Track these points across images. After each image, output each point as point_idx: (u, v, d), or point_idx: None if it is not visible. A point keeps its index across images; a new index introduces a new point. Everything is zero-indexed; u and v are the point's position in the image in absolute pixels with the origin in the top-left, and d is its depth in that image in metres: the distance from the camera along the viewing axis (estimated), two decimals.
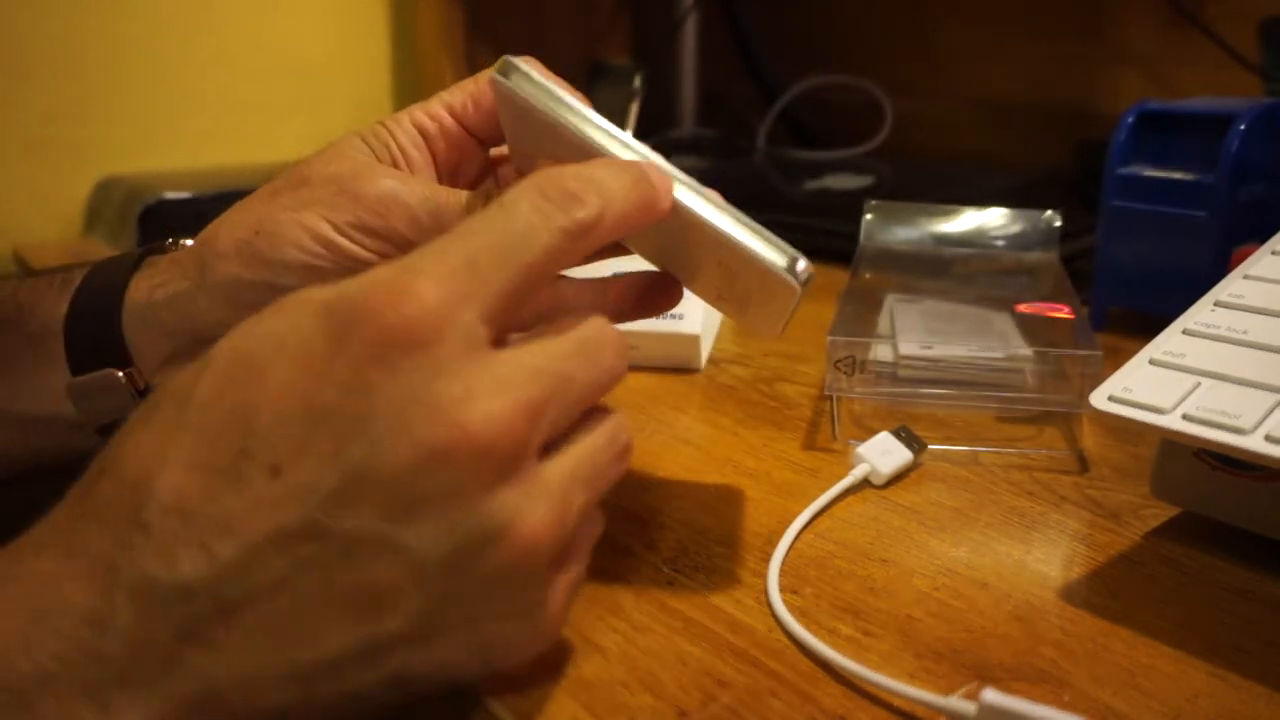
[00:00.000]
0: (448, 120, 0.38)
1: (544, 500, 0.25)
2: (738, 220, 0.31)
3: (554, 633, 0.27)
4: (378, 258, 0.35)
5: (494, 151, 0.41)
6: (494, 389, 0.24)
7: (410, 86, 1.06)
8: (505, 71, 0.32)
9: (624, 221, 0.28)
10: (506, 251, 0.26)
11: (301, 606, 0.24)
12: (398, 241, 0.35)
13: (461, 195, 0.35)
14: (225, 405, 0.24)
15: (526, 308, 0.27)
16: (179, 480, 0.24)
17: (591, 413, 0.28)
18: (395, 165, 0.38)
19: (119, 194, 0.83)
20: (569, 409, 0.26)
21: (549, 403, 0.25)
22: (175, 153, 0.93)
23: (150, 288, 0.38)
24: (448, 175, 0.39)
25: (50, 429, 0.39)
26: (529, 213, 0.26)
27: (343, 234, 0.35)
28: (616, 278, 0.36)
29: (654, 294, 0.36)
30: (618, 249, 0.36)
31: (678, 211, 0.31)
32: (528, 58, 0.34)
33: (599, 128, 0.31)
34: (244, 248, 0.36)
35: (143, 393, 0.38)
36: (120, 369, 0.37)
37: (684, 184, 0.31)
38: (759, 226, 0.31)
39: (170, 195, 0.78)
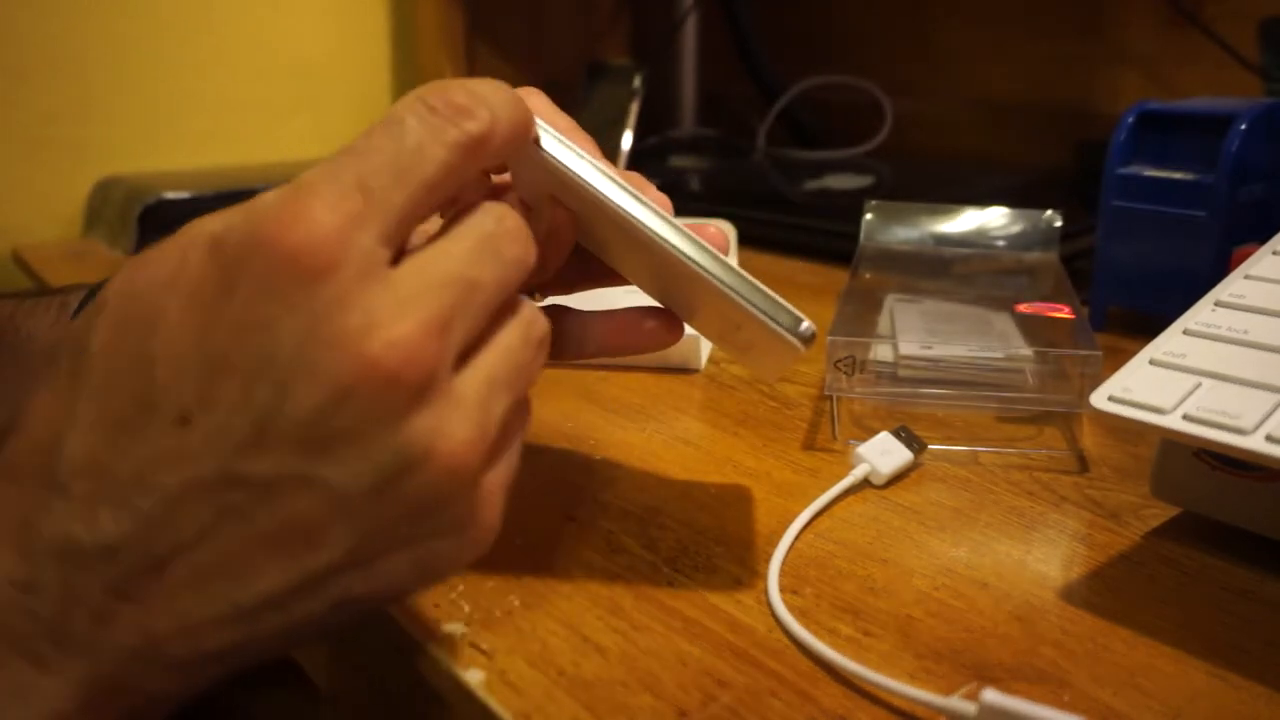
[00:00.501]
0: None
1: (462, 416, 0.24)
2: (741, 278, 0.31)
3: (490, 536, 0.27)
4: None
5: (496, 179, 0.40)
6: (396, 313, 0.23)
7: (410, 87, 1.05)
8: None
9: (512, 138, 0.28)
10: (400, 169, 0.25)
11: (231, 551, 0.23)
12: None
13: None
14: (122, 354, 0.24)
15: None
16: (87, 439, 0.23)
17: (502, 308, 0.27)
18: None
19: (119, 194, 0.83)
20: (478, 313, 0.26)
21: (454, 314, 0.24)
22: (175, 153, 0.93)
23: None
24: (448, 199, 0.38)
25: None
26: (417, 128, 0.25)
27: None
28: (620, 311, 0.36)
29: (657, 330, 0.36)
30: (616, 278, 0.36)
31: (682, 265, 0.30)
32: (535, 92, 0.34)
33: (623, 189, 0.30)
34: None
35: None
36: None
37: (685, 235, 0.31)
38: (760, 284, 0.31)
39: (170, 195, 0.79)
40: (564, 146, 0.30)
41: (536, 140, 0.30)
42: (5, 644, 0.23)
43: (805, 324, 0.31)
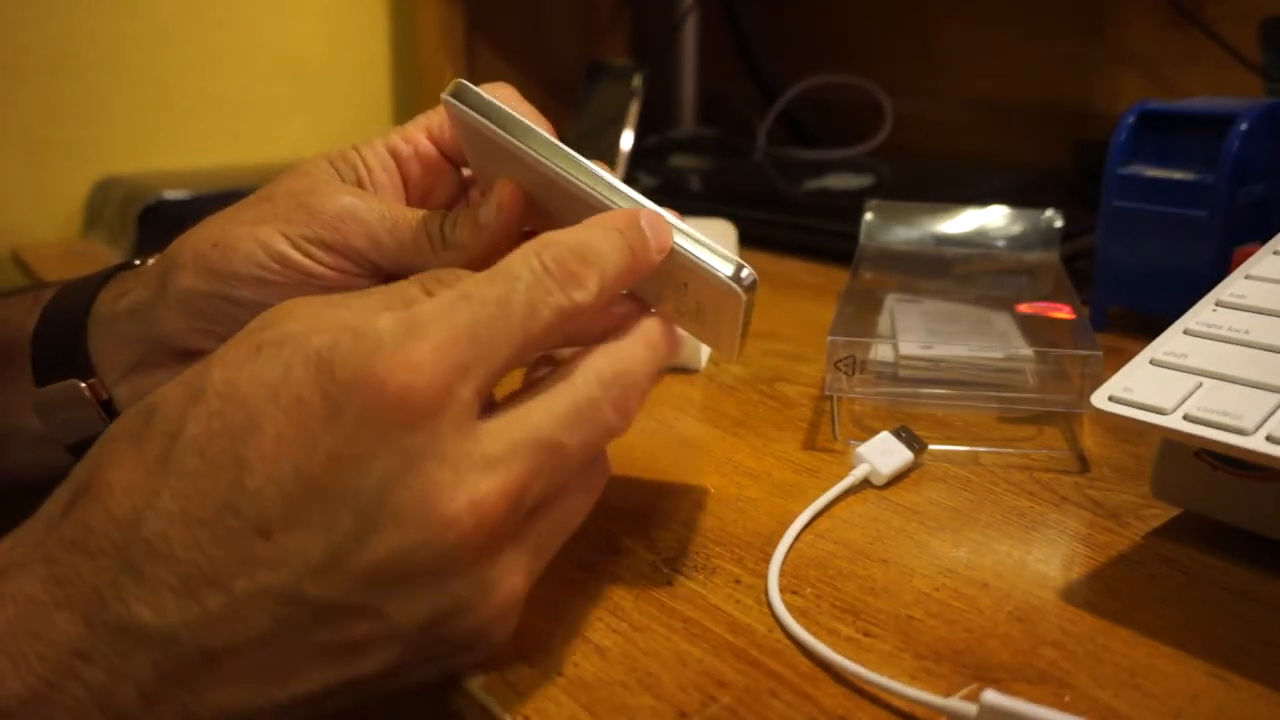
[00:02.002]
0: (424, 143, 0.38)
1: (521, 569, 0.27)
2: (683, 233, 0.31)
3: (504, 644, 0.28)
4: (333, 273, 0.35)
5: (466, 173, 0.41)
6: (482, 473, 0.25)
7: (410, 86, 1.06)
8: (457, 93, 0.31)
9: (617, 288, 0.29)
10: (507, 326, 0.26)
11: (282, 657, 0.25)
12: (354, 257, 0.35)
13: (418, 213, 0.36)
14: (216, 451, 0.24)
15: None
16: (168, 528, 0.24)
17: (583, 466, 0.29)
18: (360, 185, 0.37)
19: (119, 194, 0.83)
20: (558, 477, 0.27)
21: (536, 478, 0.26)
22: (175, 153, 0.93)
23: (114, 299, 0.38)
24: (419, 197, 0.38)
25: (20, 443, 0.40)
26: (532, 287, 0.26)
27: (297, 248, 0.35)
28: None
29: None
30: None
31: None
32: (502, 85, 0.35)
33: (549, 146, 0.31)
34: (200, 260, 0.36)
35: (105, 404, 0.38)
36: (84, 380, 0.37)
37: (621, 188, 0.31)
38: (705, 239, 0.31)
39: (170, 195, 0.79)
40: (507, 118, 0.31)
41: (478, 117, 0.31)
42: (62, 713, 0.24)
43: (746, 270, 0.31)
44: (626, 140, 0.83)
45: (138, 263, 0.42)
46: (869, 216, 0.61)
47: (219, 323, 0.36)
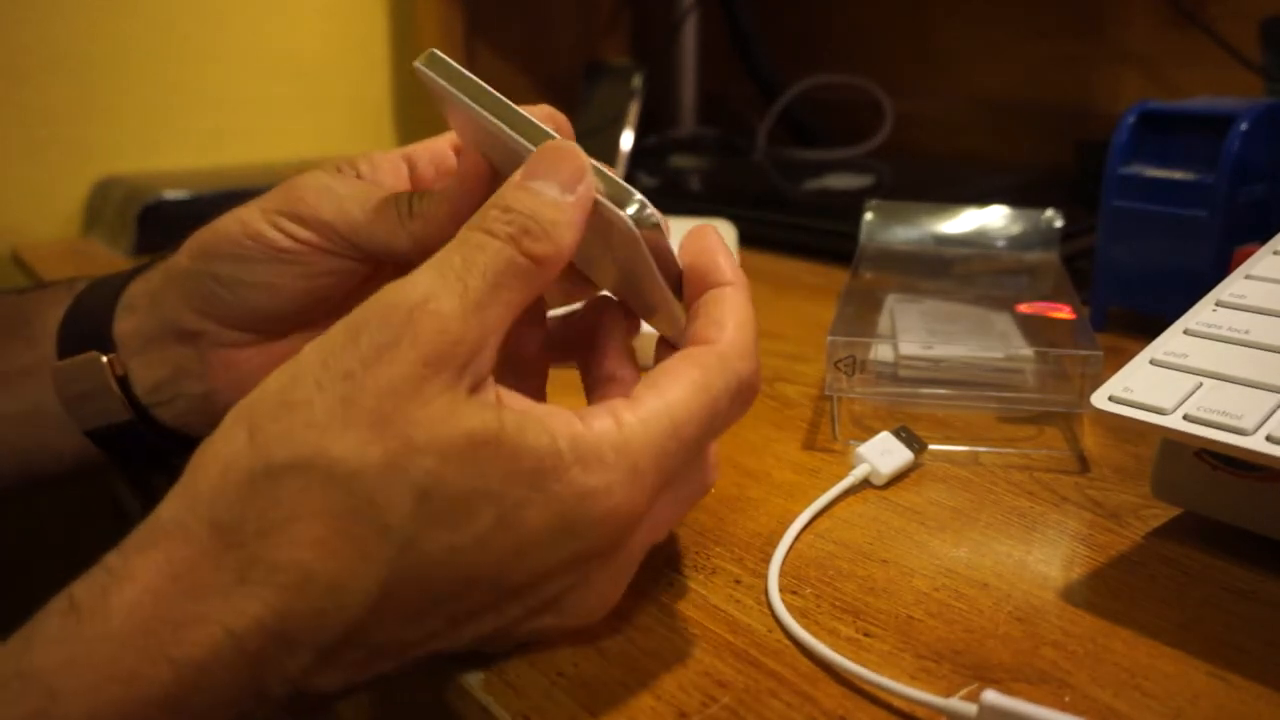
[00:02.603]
0: (443, 151, 0.39)
1: (626, 581, 0.30)
2: (597, 172, 0.29)
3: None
4: (301, 246, 0.36)
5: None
6: (629, 571, 0.29)
7: (410, 87, 1.06)
8: (428, 61, 0.32)
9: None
10: (697, 446, 0.28)
11: (411, 648, 0.27)
12: (324, 231, 0.36)
13: (389, 190, 0.36)
14: (435, 561, 0.25)
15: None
16: (373, 623, 0.25)
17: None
18: (359, 178, 0.38)
19: (119, 194, 0.83)
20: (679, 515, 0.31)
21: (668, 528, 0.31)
22: (175, 152, 0.93)
23: (137, 285, 0.40)
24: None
25: (37, 424, 0.40)
26: (728, 415, 0.29)
27: (270, 222, 0.36)
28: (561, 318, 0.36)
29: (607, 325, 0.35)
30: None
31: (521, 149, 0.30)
32: (544, 107, 0.35)
33: (512, 114, 0.30)
34: (194, 242, 0.38)
35: (121, 380, 0.39)
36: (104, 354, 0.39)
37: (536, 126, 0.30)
38: (610, 172, 0.29)
39: (170, 195, 0.79)
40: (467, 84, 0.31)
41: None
42: None
43: (649, 209, 0.29)
44: (626, 140, 0.83)
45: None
46: (869, 216, 0.61)
47: (208, 301, 0.38)
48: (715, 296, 0.30)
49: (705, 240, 0.31)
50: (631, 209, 0.28)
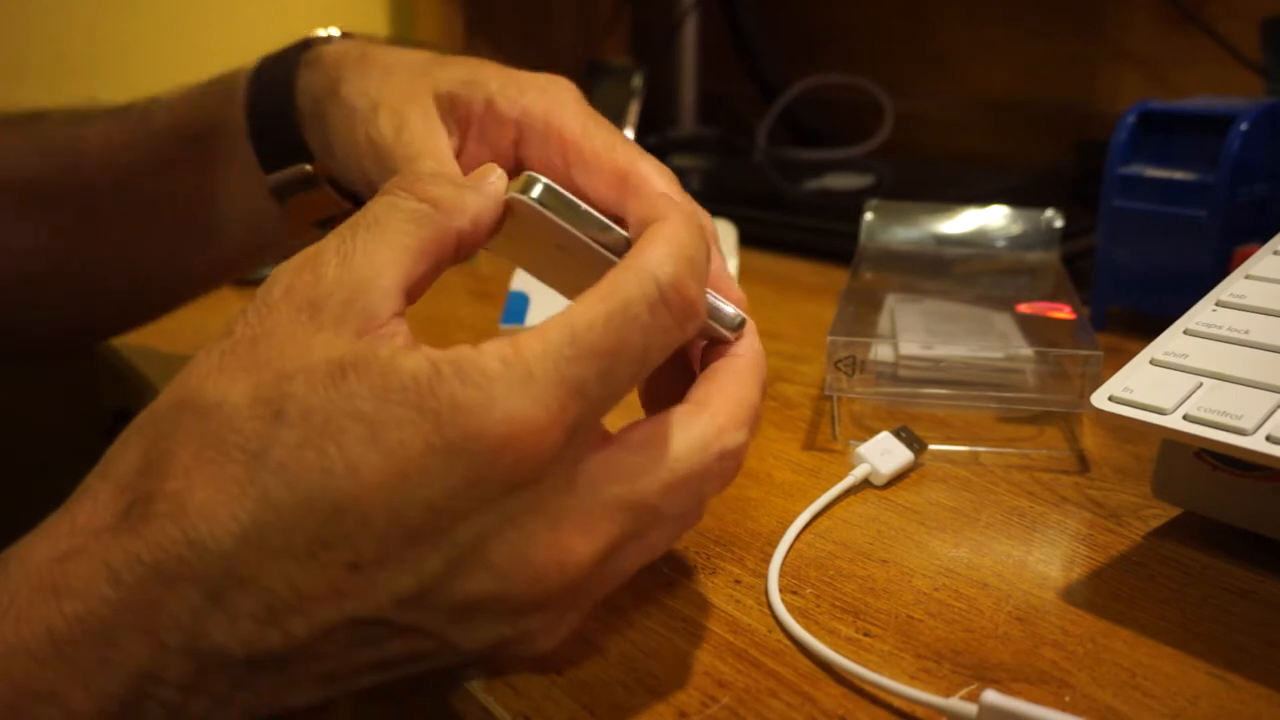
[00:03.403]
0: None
1: (578, 614, 0.27)
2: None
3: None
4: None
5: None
6: (579, 531, 0.25)
7: None
8: (544, 196, 0.29)
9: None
10: (620, 373, 0.25)
11: (350, 667, 0.25)
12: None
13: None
14: (308, 488, 0.23)
15: None
16: (255, 558, 0.23)
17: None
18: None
19: None
20: (647, 534, 0.27)
21: (628, 539, 0.26)
22: None
23: (304, 90, 0.43)
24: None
25: (232, 230, 0.46)
26: (649, 327, 0.25)
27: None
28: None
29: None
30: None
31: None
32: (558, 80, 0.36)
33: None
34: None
35: (333, 181, 0.43)
36: (307, 163, 0.43)
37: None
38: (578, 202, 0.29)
39: None
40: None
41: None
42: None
43: (538, 189, 0.28)
44: None
45: (322, 33, 0.49)
46: (869, 216, 0.61)
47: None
48: (650, 231, 0.27)
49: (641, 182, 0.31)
50: (536, 190, 0.28)
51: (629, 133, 0.84)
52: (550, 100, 0.39)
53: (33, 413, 0.84)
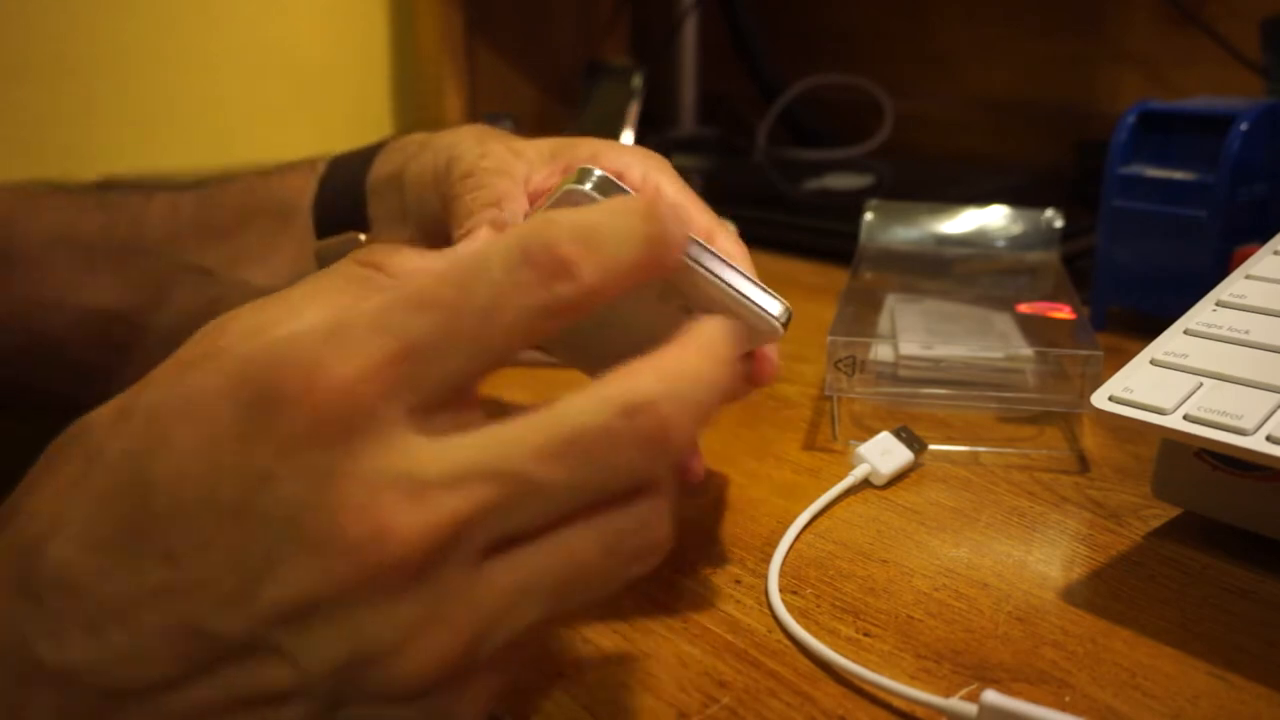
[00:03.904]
0: None
1: (454, 621, 0.21)
2: (711, 253, 0.30)
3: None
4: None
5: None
6: (406, 497, 0.20)
7: (410, 87, 1.06)
8: (583, 180, 0.28)
9: (623, 285, 0.22)
10: (458, 332, 0.21)
11: (189, 704, 0.22)
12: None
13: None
14: (128, 471, 0.22)
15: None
16: (74, 555, 0.21)
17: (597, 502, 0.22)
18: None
19: None
20: (532, 516, 0.21)
21: (491, 515, 0.21)
22: (175, 153, 0.93)
23: (380, 168, 0.43)
24: None
25: None
26: (500, 281, 0.21)
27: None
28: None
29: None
30: None
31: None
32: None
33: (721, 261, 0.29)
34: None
35: None
36: (362, 234, 0.42)
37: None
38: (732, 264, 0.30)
39: None
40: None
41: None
42: None
43: (785, 306, 0.30)
44: (626, 140, 0.83)
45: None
46: (869, 216, 0.61)
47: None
48: None
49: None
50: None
51: (629, 133, 0.84)
52: (653, 163, 0.39)
53: None
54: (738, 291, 0.29)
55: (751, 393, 0.36)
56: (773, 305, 0.30)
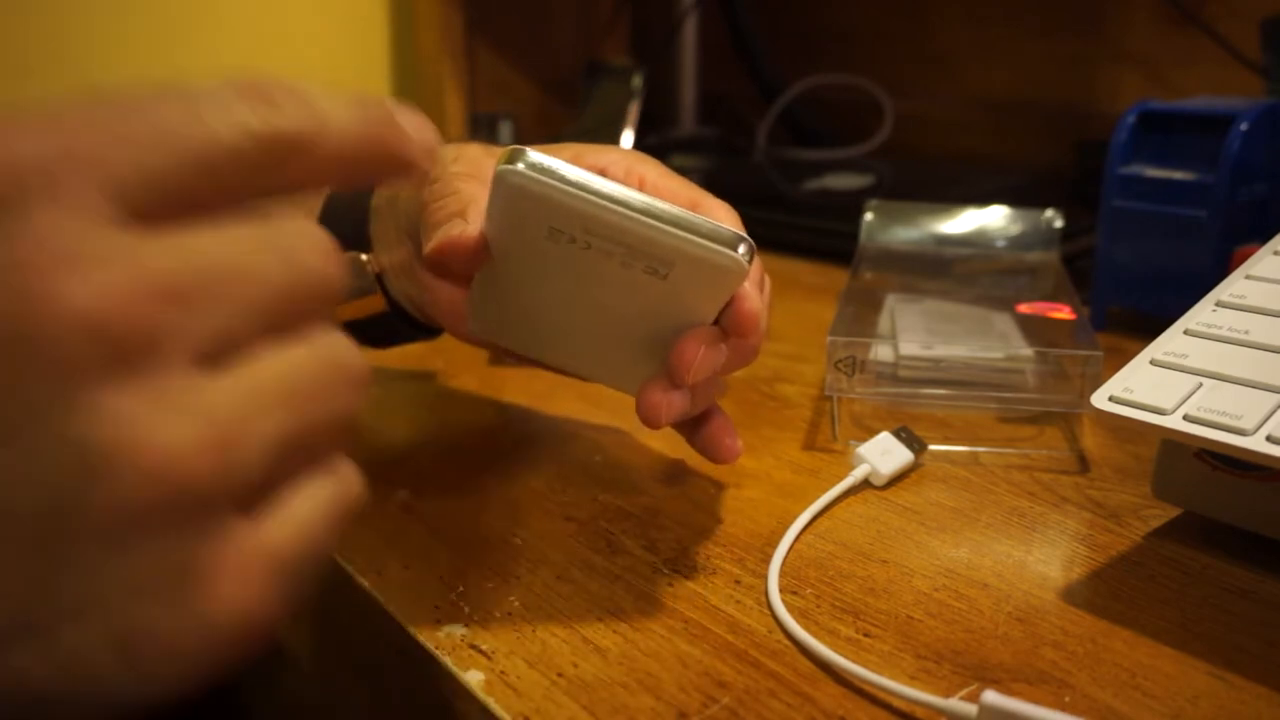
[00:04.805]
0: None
1: (188, 413, 0.18)
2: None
3: (223, 617, 0.19)
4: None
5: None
6: (107, 256, 0.17)
7: (410, 87, 1.06)
8: (514, 159, 0.28)
9: (343, 158, 0.22)
10: (164, 132, 0.19)
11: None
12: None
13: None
14: None
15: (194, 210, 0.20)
16: None
17: (296, 327, 0.21)
18: None
19: None
20: (241, 308, 0.19)
21: (201, 290, 0.18)
22: None
23: (383, 188, 0.42)
24: None
25: None
26: (204, 103, 0.20)
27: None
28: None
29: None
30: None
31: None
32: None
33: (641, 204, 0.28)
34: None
35: (379, 276, 0.41)
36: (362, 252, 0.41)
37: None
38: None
39: None
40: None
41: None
42: None
43: (744, 245, 0.30)
44: (627, 140, 0.83)
45: None
46: (869, 216, 0.61)
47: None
48: None
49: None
50: (526, 159, 0.28)
51: (629, 133, 0.84)
52: (634, 158, 0.40)
53: None
54: (680, 228, 0.28)
55: (752, 359, 0.35)
56: (724, 232, 0.29)
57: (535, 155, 0.28)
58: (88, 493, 0.17)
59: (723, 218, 0.35)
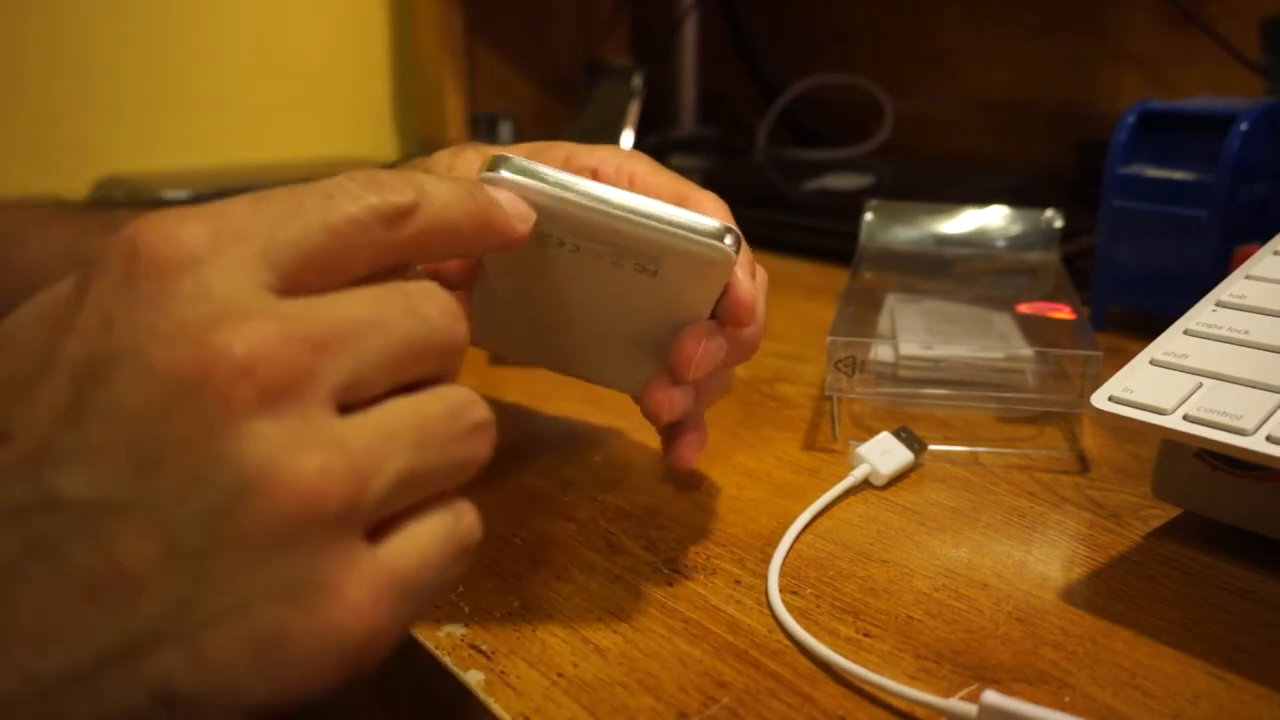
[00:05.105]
0: None
1: (325, 445, 0.21)
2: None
3: (350, 625, 0.21)
4: None
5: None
6: (260, 313, 0.21)
7: (410, 87, 1.06)
8: (495, 166, 0.28)
9: (448, 224, 0.25)
10: (300, 209, 0.23)
11: (34, 601, 0.19)
12: None
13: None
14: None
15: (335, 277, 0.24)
16: None
17: (421, 379, 0.24)
18: None
19: (119, 194, 0.83)
20: (375, 355, 0.22)
21: (342, 340, 0.22)
22: (175, 153, 0.93)
23: None
24: None
25: None
26: (331, 186, 0.24)
27: None
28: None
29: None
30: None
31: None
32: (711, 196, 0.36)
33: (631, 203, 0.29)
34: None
35: None
36: None
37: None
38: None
39: (170, 195, 0.79)
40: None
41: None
42: None
43: (731, 235, 0.29)
44: (626, 140, 0.83)
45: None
46: (869, 216, 0.61)
47: None
48: None
49: None
50: (507, 165, 0.28)
51: (629, 133, 0.84)
52: (625, 155, 0.39)
53: None
54: (663, 223, 0.28)
55: (753, 351, 0.34)
56: (708, 224, 0.29)
57: (518, 161, 0.28)
58: (238, 506, 0.20)
59: (710, 210, 0.35)
